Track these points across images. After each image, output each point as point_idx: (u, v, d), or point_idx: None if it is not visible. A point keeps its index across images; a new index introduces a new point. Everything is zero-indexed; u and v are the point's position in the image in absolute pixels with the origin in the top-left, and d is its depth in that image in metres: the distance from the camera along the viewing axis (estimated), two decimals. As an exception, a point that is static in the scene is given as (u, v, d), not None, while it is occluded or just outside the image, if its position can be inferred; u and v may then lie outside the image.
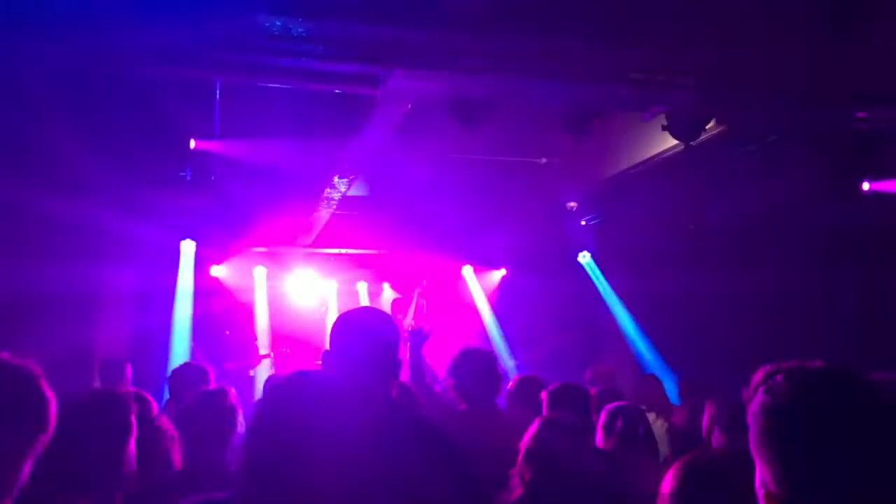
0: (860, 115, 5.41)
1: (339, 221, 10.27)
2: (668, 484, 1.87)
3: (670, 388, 7.00)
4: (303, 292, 12.04)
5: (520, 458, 2.65)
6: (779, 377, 1.37)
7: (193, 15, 4.29)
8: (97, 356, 8.48)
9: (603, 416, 3.37)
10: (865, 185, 6.20)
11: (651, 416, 4.85)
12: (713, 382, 6.02)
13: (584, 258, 11.09)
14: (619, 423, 3.29)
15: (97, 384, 6.35)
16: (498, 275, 12.43)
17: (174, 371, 5.03)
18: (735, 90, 5.05)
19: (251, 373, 10.68)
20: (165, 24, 4.37)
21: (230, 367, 9.41)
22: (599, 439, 3.36)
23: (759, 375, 1.43)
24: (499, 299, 12.33)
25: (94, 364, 8.22)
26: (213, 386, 4.85)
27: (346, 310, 2.47)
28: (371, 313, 2.46)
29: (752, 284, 7.94)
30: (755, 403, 1.37)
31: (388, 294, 12.12)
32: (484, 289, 12.36)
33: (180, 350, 9.65)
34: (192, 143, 5.80)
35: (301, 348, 10.71)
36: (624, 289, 10.57)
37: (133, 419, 2.30)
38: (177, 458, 2.81)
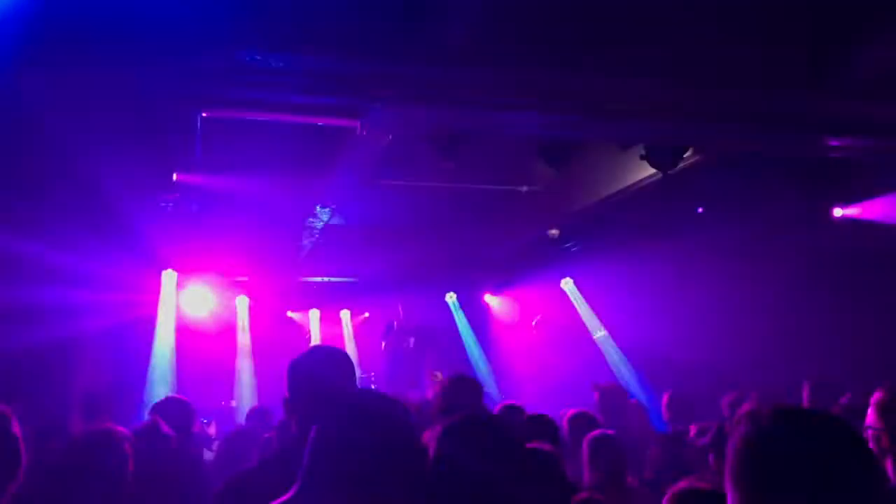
0: (833, 143, 5.53)
1: (321, 250, 10.28)
2: None
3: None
4: (284, 320, 12.01)
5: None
6: (761, 414, 1.45)
7: (175, 49, 4.32)
8: (77, 391, 8.36)
9: (586, 449, 3.35)
10: (838, 212, 6.30)
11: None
12: (696, 405, 6.05)
13: (567, 284, 11.16)
14: (603, 456, 3.28)
15: (78, 419, 6.24)
16: (482, 301, 12.46)
17: (155, 405, 4.95)
18: (712, 122, 5.16)
19: (232, 403, 10.59)
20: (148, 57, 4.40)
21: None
22: (586, 475, 3.33)
23: (743, 410, 1.52)
24: (483, 326, 12.36)
25: (73, 399, 8.10)
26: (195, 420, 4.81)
27: (322, 342, 2.41)
28: (326, 353, 2.35)
29: (732, 307, 8.03)
30: (736, 436, 1.46)
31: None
32: (468, 316, 12.39)
33: (161, 382, 9.57)
34: (174, 176, 5.79)
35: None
36: (606, 313, 10.63)
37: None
38: None
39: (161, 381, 9.60)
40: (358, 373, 2.39)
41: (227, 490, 2.29)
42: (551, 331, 11.17)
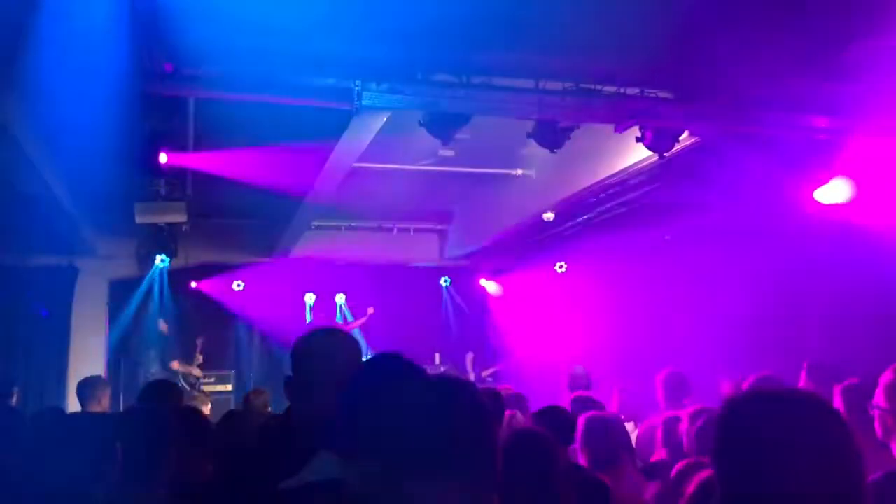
0: (820, 125, 5.52)
1: (316, 233, 10.28)
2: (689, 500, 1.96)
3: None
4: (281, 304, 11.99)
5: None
6: (740, 395, 1.55)
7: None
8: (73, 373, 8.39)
9: (580, 431, 3.35)
10: (817, 195, 6.26)
11: (629, 426, 4.87)
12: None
13: (561, 268, 11.17)
14: (597, 438, 3.27)
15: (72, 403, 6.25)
16: (478, 285, 12.49)
17: (144, 388, 4.89)
18: (705, 103, 5.14)
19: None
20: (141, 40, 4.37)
21: None
22: (579, 455, 3.33)
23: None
24: (478, 309, 12.40)
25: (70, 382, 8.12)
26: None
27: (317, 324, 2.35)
28: (332, 335, 2.28)
29: (720, 294, 8.06)
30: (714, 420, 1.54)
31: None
32: (464, 299, 12.43)
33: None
34: (164, 158, 5.68)
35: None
36: (600, 298, 10.65)
37: None
38: None
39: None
40: (365, 353, 2.29)
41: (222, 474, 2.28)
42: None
